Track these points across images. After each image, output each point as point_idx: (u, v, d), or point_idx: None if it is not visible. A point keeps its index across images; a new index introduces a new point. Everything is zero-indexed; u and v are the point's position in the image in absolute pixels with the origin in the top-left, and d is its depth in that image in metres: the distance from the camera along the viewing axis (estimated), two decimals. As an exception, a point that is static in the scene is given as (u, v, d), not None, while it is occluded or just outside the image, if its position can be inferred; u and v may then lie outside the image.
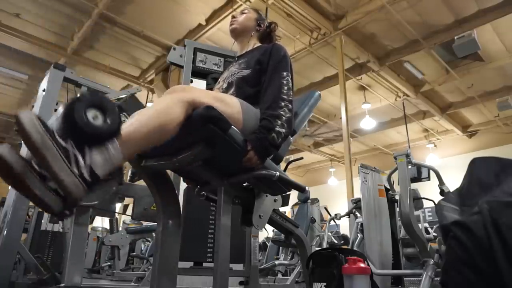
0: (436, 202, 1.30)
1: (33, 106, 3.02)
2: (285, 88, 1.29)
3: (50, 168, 0.78)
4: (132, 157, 0.99)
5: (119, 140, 0.90)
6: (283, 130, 1.20)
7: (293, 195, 3.84)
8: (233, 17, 1.66)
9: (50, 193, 0.81)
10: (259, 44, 1.61)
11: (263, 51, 1.43)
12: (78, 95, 0.87)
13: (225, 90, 1.43)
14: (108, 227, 4.75)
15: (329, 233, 4.69)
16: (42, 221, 3.89)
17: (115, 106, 0.89)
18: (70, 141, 0.83)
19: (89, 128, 0.83)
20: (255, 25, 1.63)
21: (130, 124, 0.95)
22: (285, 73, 1.33)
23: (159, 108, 1.02)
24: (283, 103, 1.24)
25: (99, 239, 4.94)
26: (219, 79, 1.57)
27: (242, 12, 1.66)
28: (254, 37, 1.63)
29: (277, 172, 1.15)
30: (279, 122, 1.20)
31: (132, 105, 2.90)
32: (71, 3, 5.93)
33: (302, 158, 2.61)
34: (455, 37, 6.12)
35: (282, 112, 1.22)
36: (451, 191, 2.21)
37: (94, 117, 0.85)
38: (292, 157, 6.57)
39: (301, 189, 1.30)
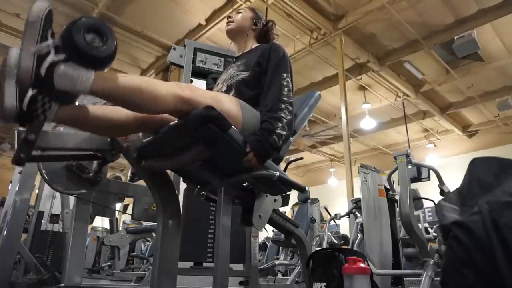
0: (436, 202, 1.30)
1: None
2: (285, 89, 1.28)
3: (23, 37, 0.84)
4: (97, 95, 0.96)
5: (97, 73, 0.91)
6: (284, 133, 1.19)
7: (293, 195, 3.84)
8: (229, 17, 1.64)
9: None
10: (257, 45, 1.58)
11: (262, 52, 1.41)
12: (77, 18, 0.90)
13: (225, 93, 1.42)
14: (108, 227, 4.75)
15: (329, 233, 4.69)
16: (42, 221, 3.89)
17: (113, 33, 0.92)
18: (56, 41, 0.86)
19: (83, 44, 0.87)
20: (251, 24, 1.60)
21: (119, 73, 0.97)
22: (284, 74, 1.32)
23: (156, 82, 1.03)
24: (283, 105, 1.24)
25: (99, 239, 4.93)
26: (218, 81, 1.55)
27: (237, 12, 1.65)
28: (251, 37, 1.60)
29: (277, 172, 1.15)
30: (280, 124, 1.19)
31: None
32: (71, 3, 5.93)
33: (302, 158, 2.61)
34: (455, 37, 6.12)
35: (282, 115, 1.22)
36: (451, 191, 2.21)
37: (91, 40, 0.88)
38: (292, 157, 6.58)
39: (301, 189, 1.30)
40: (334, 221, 4.70)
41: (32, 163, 2.55)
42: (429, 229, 3.83)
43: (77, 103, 1.10)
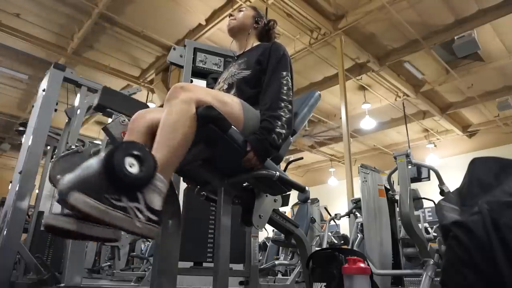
0: (436, 202, 1.30)
1: (33, 106, 3.02)
2: (285, 88, 1.28)
3: (122, 228, 0.86)
4: (172, 174, 1.03)
5: (159, 171, 0.93)
6: (283, 131, 1.19)
7: (293, 195, 3.84)
8: (231, 15, 1.64)
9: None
10: (258, 43, 1.59)
11: (262, 51, 1.42)
12: (112, 147, 0.89)
13: (226, 91, 1.42)
14: (108, 227, 4.74)
15: (329, 233, 4.69)
16: (42, 221, 3.89)
17: (145, 149, 0.92)
18: (124, 197, 0.87)
19: (133, 179, 0.87)
20: (252, 22, 1.60)
21: (158, 151, 0.98)
22: (284, 73, 1.32)
23: (175, 120, 1.02)
24: (283, 104, 1.24)
25: (99, 239, 4.92)
26: (219, 79, 1.56)
27: (239, 10, 1.65)
28: (252, 35, 1.60)
29: (277, 172, 1.15)
30: (279, 123, 1.19)
31: (132, 104, 2.89)
32: (71, 3, 5.93)
33: (302, 158, 2.60)
34: (455, 37, 6.12)
35: (282, 113, 1.22)
36: (451, 191, 2.21)
37: (130, 165, 0.87)
38: (292, 157, 6.58)
39: (301, 189, 1.30)
40: (334, 221, 4.70)
41: (32, 163, 2.55)
42: (429, 229, 3.83)
43: None
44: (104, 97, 1.91)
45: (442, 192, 2.47)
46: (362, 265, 1.30)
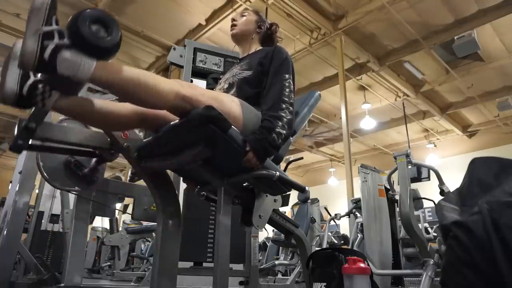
0: (436, 202, 1.30)
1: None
2: (287, 90, 1.29)
3: (28, 21, 0.87)
4: (97, 84, 0.99)
5: (100, 63, 0.93)
6: (284, 132, 1.20)
7: (293, 195, 3.84)
8: (233, 20, 1.65)
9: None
10: (260, 48, 1.60)
11: (265, 53, 1.43)
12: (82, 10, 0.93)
13: (226, 91, 1.42)
14: (108, 227, 4.75)
15: (329, 233, 4.69)
16: (42, 221, 3.89)
17: (118, 25, 0.95)
18: (60, 27, 0.89)
19: (88, 33, 0.90)
20: (255, 27, 1.61)
21: (122, 64, 0.98)
22: (287, 76, 1.33)
23: (158, 76, 1.05)
24: (284, 105, 1.24)
25: (99, 239, 4.93)
26: (221, 80, 1.57)
27: (242, 15, 1.65)
28: (255, 40, 1.62)
29: (277, 172, 1.15)
30: (280, 123, 1.20)
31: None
32: (71, 3, 5.92)
33: (302, 158, 2.61)
34: (455, 37, 6.12)
35: (283, 114, 1.22)
36: (451, 191, 2.21)
37: (97, 31, 0.91)
38: (292, 157, 6.57)
39: (301, 189, 1.30)
40: (334, 221, 4.70)
41: (32, 163, 2.55)
42: (429, 229, 3.83)
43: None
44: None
45: (442, 192, 2.48)
46: (362, 265, 1.30)
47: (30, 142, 1.31)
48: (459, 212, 1.09)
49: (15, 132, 1.26)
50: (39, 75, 1.01)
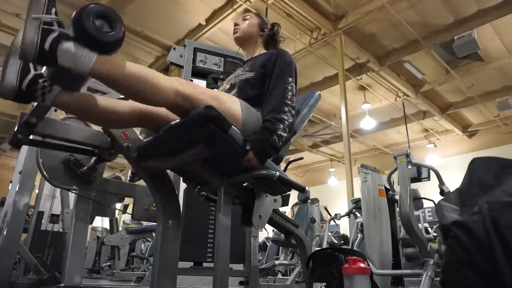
0: (436, 202, 1.30)
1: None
2: (289, 93, 1.29)
3: (28, 11, 0.86)
4: (97, 78, 0.98)
5: (101, 56, 0.93)
6: (285, 134, 1.20)
7: (293, 195, 3.84)
8: (236, 24, 1.65)
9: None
10: (264, 51, 1.61)
11: (269, 56, 1.43)
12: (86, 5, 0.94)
13: (228, 91, 1.43)
14: (108, 227, 4.75)
15: (329, 233, 4.69)
16: (42, 221, 3.89)
17: (121, 21, 0.96)
18: (62, 22, 0.90)
19: (92, 27, 0.91)
20: (258, 30, 1.62)
21: (123, 60, 0.98)
22: (290, 79, 1.33)
23: (158, 73, 1.04)
24: (286, 108, 1.24)
25: (99, 239, 4.93)
26: (224, 82, 1.58)
27: (244, 19, 1.66)
28: (259, 43, 1.63)
29: (277, 172, 1.15)
30: (282, 126, 1.20)
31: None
32: (71, 3, 5.92)
33: (302, 158, 2.61)
34: (455, 37, 6.12)
35: (285, 117, 1.22)
36: (451, 191, 2.21)
37: (100, 25, 0.92)
38: (292, 157, 6.57)
39: (301, 189, 1.30)
40: (334, 221, 4.70)
41: (32, 163, 2.55)
42: (429, 229, 3.83)
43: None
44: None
45: (442, 192, 2.48)
46: (362, 265, 1.30)
47: (30, 137, 1.31)
48: (459, 212, 1.09)
49: (16, 128, 1.25)
50: (39, 69, 1.01)
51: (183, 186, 1.95)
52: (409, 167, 2.61)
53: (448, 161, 9.59)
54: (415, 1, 5.72)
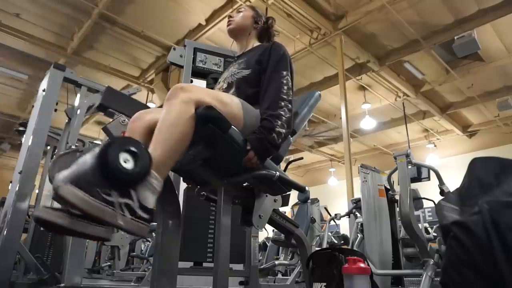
0: (436, 202, 1.30)
1: (33, 106, 3.01)
2: (285, 88, 1.28)
3: (104, 221, 0.85)
4: (167, 173, 1.04)
5: (153, 168, 0.94)
6: (283, 130, 1.19)
7: (293, 195, 3.83)
8: (230, 16, 1.65)
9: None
10: (258, 44, 1.59)
11: (263, 51, 1.42)
12: (107, 142, 0.90)
13: (225, 91, 1.42)
14: (108, 227, 4.73)
15: (329, 233, 4.69)
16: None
17: (141, 145, 0.92)
18: (114, 192, 0.86)
19: (126, 175, 0.87)
20: (252, 22, 1.61)
21: (154, 149, 0.98)
22: (284, 72, 1.32)
23: (173, 120, 1.02)
24: (283, 103, 1.24)
25: (99, 239, 4.92)
26: (220, 79, 1.56)
27: (238, 11, 1.65)
28: (252, 36, 1.61)
29: (277, 172, 1.15)
30: (279, 122, 1.19)
31: (134, 104, 2.89)
32: (71, 3, 5.92)
33: (302, 158, 2.60)
34: (455, 37, 6.11)
35: (282, 112, 1.22)
36: (451, 191, 2.21)
37: (125, 160, 0.88)
38: (292, 157, 6.57)
39: (301, 189, 1.30)
40: (334, 221, 4.70)
41: (32, 163, 2.55)
42: (429, 229, 3.83)
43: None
44: (107, 97, 1.90)
45: (442, 192, 2.47)
46: (362, 265, 1.30)
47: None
48: (459, 212, 1.09)
49: None
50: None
51: (183, 186, 1.94)
52: (409, 167, 2.61)
53: (448, 161, 9.59)
54: (415, 1, 5.72)
